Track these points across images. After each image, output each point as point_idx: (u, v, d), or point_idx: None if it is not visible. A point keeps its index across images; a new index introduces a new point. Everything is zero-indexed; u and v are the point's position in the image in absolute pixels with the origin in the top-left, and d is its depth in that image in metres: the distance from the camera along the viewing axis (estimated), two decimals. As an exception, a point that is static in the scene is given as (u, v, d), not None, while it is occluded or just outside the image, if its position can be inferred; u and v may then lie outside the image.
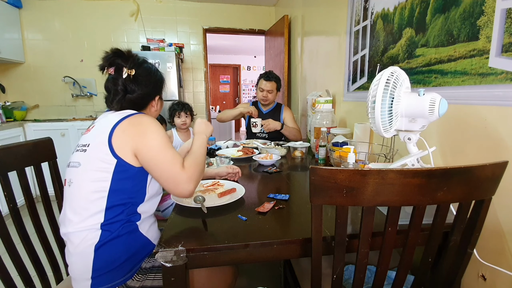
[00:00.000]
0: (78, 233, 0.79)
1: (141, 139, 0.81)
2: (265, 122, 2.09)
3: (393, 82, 0.80)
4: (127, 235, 0.83)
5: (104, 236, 0.80)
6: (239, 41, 5.93)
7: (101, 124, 0.85)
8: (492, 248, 0.87)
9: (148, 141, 0.82)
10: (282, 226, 0.82)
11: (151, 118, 0.87)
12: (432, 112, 0.77)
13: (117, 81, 0.91)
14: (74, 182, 0.82)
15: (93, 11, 3.33)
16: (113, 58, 0.91)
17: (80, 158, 0.83)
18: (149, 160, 0.81)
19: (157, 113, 1.05)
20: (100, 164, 0.80)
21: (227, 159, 1.33)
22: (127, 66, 0.91)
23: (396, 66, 0.83)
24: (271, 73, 2.25)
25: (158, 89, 1.01)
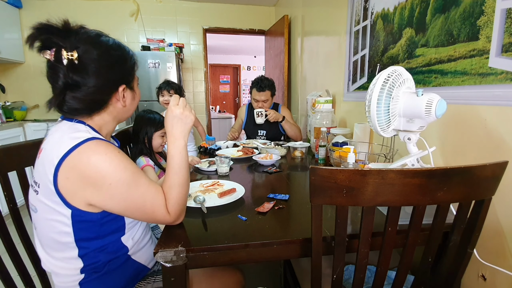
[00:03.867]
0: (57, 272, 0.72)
1: (94, 195, 0.62)
2: (269, 112, 2.08)
3: (391, 81, 0.80)
4: (118, 269, 0.75)
5: (88, 273, 0.72)
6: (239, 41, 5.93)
7: (46, 152, 0.64)
8: (492, 248, 0.87)
9: (109, 194, 0.62)
10: (282, 226, 0.82)
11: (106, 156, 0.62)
12: (429, 113, 0.76)
13: (56, 72, 0.62)
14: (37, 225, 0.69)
15: (93, 11, 3.33)
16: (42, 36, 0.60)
17: (35, 202, 0.68)
18: (119, 213, 0.67)
19: (128, 109, 0.76)
20: (55, 214, 0.64)
21: (227, 159, 1.33)
22: (66, 46, 0.61)
23: (399, 66, 0.83)
24: (263, 82, 2.11)
25: (121, 76, 0.71)
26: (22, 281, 0.89)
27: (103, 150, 0.63)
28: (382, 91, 0.81)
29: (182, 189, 0.72)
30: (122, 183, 0.63)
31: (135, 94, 0.78)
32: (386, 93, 0.81)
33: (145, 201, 0.67)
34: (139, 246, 0.82)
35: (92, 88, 0.65)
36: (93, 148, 0.62)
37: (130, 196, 0.65)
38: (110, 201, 0.64)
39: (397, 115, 0.83)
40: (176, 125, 0.73)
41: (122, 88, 0.72)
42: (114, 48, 0.70)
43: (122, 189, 0.64)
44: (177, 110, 0.72)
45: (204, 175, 1.35)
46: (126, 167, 0.65)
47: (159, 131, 1.53)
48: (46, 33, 0.61)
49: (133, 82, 0.76)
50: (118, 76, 0.71)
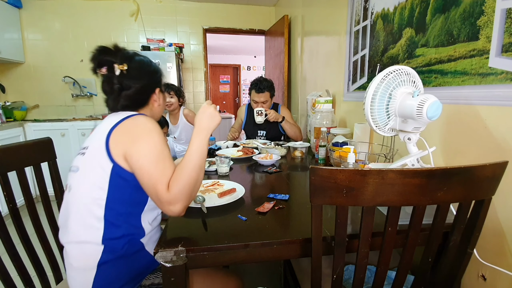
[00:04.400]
0: (79, 246, 0.76)
1: (131, 145, 0.75)
2: (269, 111, 2.08)
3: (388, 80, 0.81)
4: (132, 255, 0.80)
5: (107, 253, 0.76)
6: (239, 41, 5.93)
7: (101, 127, 0.81)
8: (492, 248, 0.87)
9: (139, 148, 0.74)
10: (282, 226, 0.82)
11: (149, 122, 0.80)
12: (420, 114, 0.75)
13: (111, 80, 0.85)
14: (72, 188, 0.79)
15: (93, 11, 3.33)
16: (100, 56, 0.85)
17: (79, 162, 0.79)
18: (136, 169, 0.74)
19: (161, 109, 0.98)
20: (97, 168, 0.75)
21: (227, 159, 1.33)
22: (118, 61, 0.85)
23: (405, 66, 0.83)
24: (262, 83, 2.11)
25: (156, 81, 0.95)
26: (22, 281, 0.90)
27: (148, 118, 0.81)
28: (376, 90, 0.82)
29: (191, 173, 0.75)
30: (152, 144, 0.76)
31: (165, 97, 1.02)
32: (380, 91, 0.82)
33: (157, 168, 0.74)
34: (152, 237, 0.86)
35: (138, 88, 0.88)
36: (143, 117, 0.81)
37: (151, 159, 0.74)
38: (136, 154, 0.74)
39: (393, 114, 0.83)
40: (205, 120, 0.84)
41: (158, 90, 0.94)
42: (148, 62, 0.93)
43: (150, 148, 0.75)
44: (210, 108, 0.87)
45: (204, 175, 1.34)
46: (160, 134, 0.79)
47: None
48: (102, 54, 0.85)
49: (161, 87, 0.98)
50: (154, 81, 0.94)
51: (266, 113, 2.08)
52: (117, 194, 0.76)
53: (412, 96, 0.78)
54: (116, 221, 0.77)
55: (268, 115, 2.07)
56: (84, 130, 2.99)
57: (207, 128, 0.84)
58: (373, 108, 0.85)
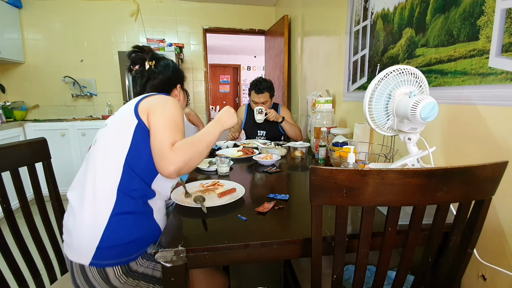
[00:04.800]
0: (95, 194, 0.80)
1: (156, 107, 0.88)
2: (269, 111, 2.08)
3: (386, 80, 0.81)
4: (142, 215, 0.84)
5: (120, 203, 0.80)
6: (239, 41, 5.93)
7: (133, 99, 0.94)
8: (492, 248, 0.87)
9: (160, 110, 0.87)
10: (282, 226, 0.82)
11: (175, 100, 0.93)
12: (414, 115, 0.75)
13: (142, 73, 1.06)
14: (98, 140, 0.88)
15: (93, 11, 3.33)
16: (135, 54, 1.07)
17: (108, 120, 0.92)
18: (152, 126, 0.84)
19: (181, 105, 1.13)
20: (124, 122, 0.87)
21: (227, 159, 1.33)
22: (148, 59, 1.07)
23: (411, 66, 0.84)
24: (262, 84, 2.11)
25: (179, 78, 1.14)
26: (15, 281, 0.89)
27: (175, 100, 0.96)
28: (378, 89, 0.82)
29: (198, 143, 0.84)
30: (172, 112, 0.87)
31: (185, 96, 1.20)
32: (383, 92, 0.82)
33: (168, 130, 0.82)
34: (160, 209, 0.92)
35: (162, 80, 1.08)
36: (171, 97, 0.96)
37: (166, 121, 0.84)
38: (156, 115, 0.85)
39: (392, 114, 0.83)
40: (226, 116, 1.01)
41: (179, 86, 1.15)
42: (172, 63, 1.13)
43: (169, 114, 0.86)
44: (232, 110, 1.05)
45: (204, 175, 1.35)
46: (180, 112, 0.91)
47: None
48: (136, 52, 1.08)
49: (184, 86, 1.18)
50: (176, 77, 1.13)
51: (266, 112, 2.08)
52: (137, 149, 0.84)
53: (408, 97, 0.78)
54: (132, 174, 0.83)
55: (268, 114, 2.07)
56: (84, 130, 2.98)
57: (225, 123, 0.99)
58: (371, 107, 0.85)
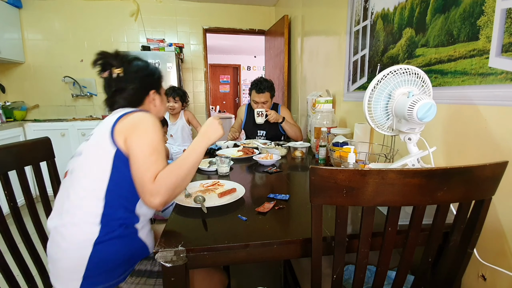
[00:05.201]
0: (76, 226, 0.78)
1: (132, 132, 0.81)
2: (270, 112, 2.08)
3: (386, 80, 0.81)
4: (127, 237, 0.83)
5: (103, 232, 0.78)
6: (239, 41, 5.93)
7: (106, 120, 0.87)
8: (492, 248, 0.87)
9: (137, 137, 0.80)
10: (282, 226, 0.82)
11: (153, 118, 0.86)
12: (411, 115, 0.76)
13: (110, 83, 0.94)
14: (75, 170, 0.83)
15: (93, 11, 3.33)
16: (100, 61, 0.94)
17: (82, 147, 0.85)
18: (131, 155, 0.80)
19: (159, 110, 1.04)
20: (100, 151, 0.81)
21: (228, 159, 1.33)
22: (115, 66, 0.93)
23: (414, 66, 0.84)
24: (262, 83, 2.11)
25: (151, 83, 1.00)
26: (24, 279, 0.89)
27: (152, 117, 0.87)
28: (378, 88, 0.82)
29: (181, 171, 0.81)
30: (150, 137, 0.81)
31: (163, 99, 1.07)
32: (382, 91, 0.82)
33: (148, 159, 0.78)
34: (144, 226, 0.89)
35: (132, 90, 0.95)
36: (148, 114, 0.87)
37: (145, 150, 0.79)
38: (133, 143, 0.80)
39: (391, 113, 0.84)
40: (211, 130, 0.92)
41: (152, 92, 1.00)
42: (144, 66, 0.99)
43: (147, 140, 0.81)
44: (216, 122, 0.94)
45: (204, 175, 1.35)
46: (159, 132, 0.85)
47: None
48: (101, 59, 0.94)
49: (160, 89, 1.04)
50: (148, 83, 0.99)
51: (267, 114, 2.08)
52: (118, 178, 0.81)
53: (407, 97, 0.78)
54: (115, 203, 0.81)
55: (268, 116, 2.07)
56: (84, 130, 2.99)
57: (210, 138, 0.91)
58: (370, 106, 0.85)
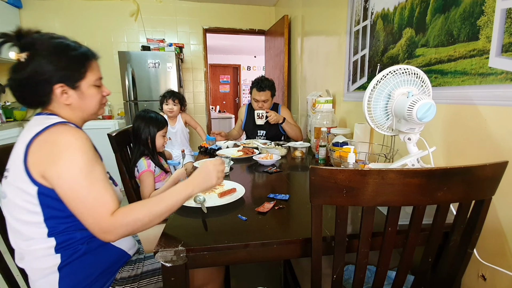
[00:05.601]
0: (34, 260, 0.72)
1: (50, 166, 0.65)
2: (270, 114, 2.08)
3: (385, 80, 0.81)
4: (96, 250, 0.76)
5: (66, 256, 0.72)
6: (239, 41, 5.93)
7: (20, 138, 0.70)
8: (492, 248, 0.87)
9: (60, 170, 0.65)
10: (282, 226, 0.82)
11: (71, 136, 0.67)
12: (411, 115, 0.76)
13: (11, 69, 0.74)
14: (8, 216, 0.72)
15: (93, 11, 3.33)
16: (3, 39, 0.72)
17: (5, 187, 0.71)
18: (64, 195, 0.66)
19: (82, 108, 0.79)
20: (23, 195, 0.67)
21: (228, 159, 1.33)
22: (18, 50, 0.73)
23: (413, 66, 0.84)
24: (264, 82, 2.12)
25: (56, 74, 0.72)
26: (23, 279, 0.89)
27: (71, 132, 0.69)
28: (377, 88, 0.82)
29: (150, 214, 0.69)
30: (75, 164, 0.66)
31: (84, 94, 0.78)
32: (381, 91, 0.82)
33: (88, 194, 0.66)
34: None
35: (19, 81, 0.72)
36: (61, 128, 0.69)
37: (78, 180, 0.66)
38: (57, 179, 0.65)
39: (390, 113, 0.84)
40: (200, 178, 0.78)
41: (58, 87, 0.73)
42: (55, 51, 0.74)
43: (73, 171, 0.66)
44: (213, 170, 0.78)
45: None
46: (86, 152, 0.68)
47: (161, 130, 1.53)
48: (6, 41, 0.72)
49: (79, 82, 0.77)
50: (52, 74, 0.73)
51: (267, 115, 2.08)
52: (56, 213, 0.70)
53: (407, 97, 0.78)
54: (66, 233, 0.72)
55: (268, 117, 2.07)
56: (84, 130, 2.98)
57: (197, 187, 0.76)
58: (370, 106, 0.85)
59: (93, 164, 0.69)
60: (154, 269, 0.88)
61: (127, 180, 1.44)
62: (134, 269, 0.86)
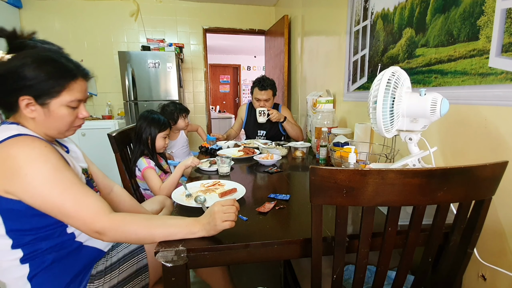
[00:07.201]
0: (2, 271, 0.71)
1: (11, 181, 0.62)
2: (272, 111, 2.08)
3: (394, 82, 0.81)
4: (68, 256, 0.75)
5: (34, 266, 0.71)
6: (239, 41, 5.93)
7: None
8: (492, 248, 0.87)
9: (24, 183, 0.62)
10: (282, 226, 0.82)
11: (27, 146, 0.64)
12: (434, 112, 0.77)
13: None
14: None
15: (93, 11, 3.33)
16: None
17: None
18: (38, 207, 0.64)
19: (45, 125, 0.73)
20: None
21: (228, 159, 1.33)
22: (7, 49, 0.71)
23: (397, 66, 0.84)
24: (265, 81, 2.12)
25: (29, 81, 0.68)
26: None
27: (26, 143, 0.65)
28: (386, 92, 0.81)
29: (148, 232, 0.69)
30: (39, 175, 0.63)
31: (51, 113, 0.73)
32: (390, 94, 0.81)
33: (65, 200, 0.64)
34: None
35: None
36: (17, 141, 0.65)
37: (46, 191, 0.64)
38: (25, 194, 0.64)
39: (401, 115, 0.83)
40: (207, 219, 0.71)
41: (24, 99, 0.70)
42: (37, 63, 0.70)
43: (37, 182, 0.63)
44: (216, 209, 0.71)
45: (205, 175, 1.35)
46: (48, 161, 0.65)
47: (162, 132, 1.53)
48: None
49: (49, 100, 0.72)
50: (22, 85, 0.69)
51: (269, 113, 2.08)
52: (18, 225, 0.68)
53: (419, 95, 0.79)
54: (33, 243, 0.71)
55: (270, 115, 2.07)
56: (84, 130, 2.98)
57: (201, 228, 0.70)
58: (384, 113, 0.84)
59: (60, 171, 0.66)
60: (129, 251, 0.87)
61: (127, 180, 1.45)
62: (108, 259, 0.84)
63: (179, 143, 2.30)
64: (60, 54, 0.76)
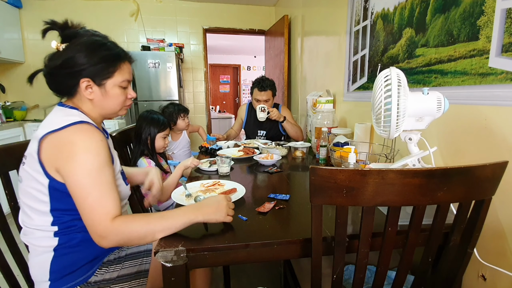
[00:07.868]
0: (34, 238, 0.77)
1: (62, 163, 0.69)
2: (272, 109, 2.09)
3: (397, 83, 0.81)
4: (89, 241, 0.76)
5: (63, 240, 0.77)
6: (239, 41, 5.93)
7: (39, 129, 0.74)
8: (492, 248, 0.87)
9: (73, 168, 0.68)
10: (282, 226, 0.82)
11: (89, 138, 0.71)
12: (440, 109, 0.80)
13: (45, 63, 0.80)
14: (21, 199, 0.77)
15: (93, 11, 3.33)
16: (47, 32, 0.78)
17: (22, 172, 0.76)
18: (72, 192, 0.70)
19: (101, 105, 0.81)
20: (35, 183, 0.72)
21: (228, 159, 1.33)
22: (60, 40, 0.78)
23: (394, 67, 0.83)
24: (265, 81, 2.13)
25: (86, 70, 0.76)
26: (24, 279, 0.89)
27: (88, 133, 0.72)
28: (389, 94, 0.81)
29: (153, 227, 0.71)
30: (86, 165, 0.69)
31: (107, 93, 0.81)
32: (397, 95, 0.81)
33: (91, 194, 0.69)
34: None
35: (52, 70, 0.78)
36: (81, 129, 0.72)
37: (84, 180, 0.69)
38: (68, 177, 0.69)
39: (407, 115, 0.82)
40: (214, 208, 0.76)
41: (84, 81, 0.77)
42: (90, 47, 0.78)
43: (83, 171, 0.69)
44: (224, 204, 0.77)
45: (205, 175, 1.35)
46: (99, 153, 0.71)
47: (162, 132, 1.53)
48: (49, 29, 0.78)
49: (105, 80, 0.80)
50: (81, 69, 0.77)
51: (269, 111, 2.08)
52: (62, 205, 0.75)
53: (422, 94, 0.81)
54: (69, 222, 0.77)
55: (270, 112, 2.08)
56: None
57: (205, 215, 0.74)
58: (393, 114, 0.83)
59: (103, 167, 0.72)
60: (138, 251, 0.91)
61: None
62: (120, 251, 0.89)
63: (181, 144, 2.30)
64: (109, 40, 0.85)
